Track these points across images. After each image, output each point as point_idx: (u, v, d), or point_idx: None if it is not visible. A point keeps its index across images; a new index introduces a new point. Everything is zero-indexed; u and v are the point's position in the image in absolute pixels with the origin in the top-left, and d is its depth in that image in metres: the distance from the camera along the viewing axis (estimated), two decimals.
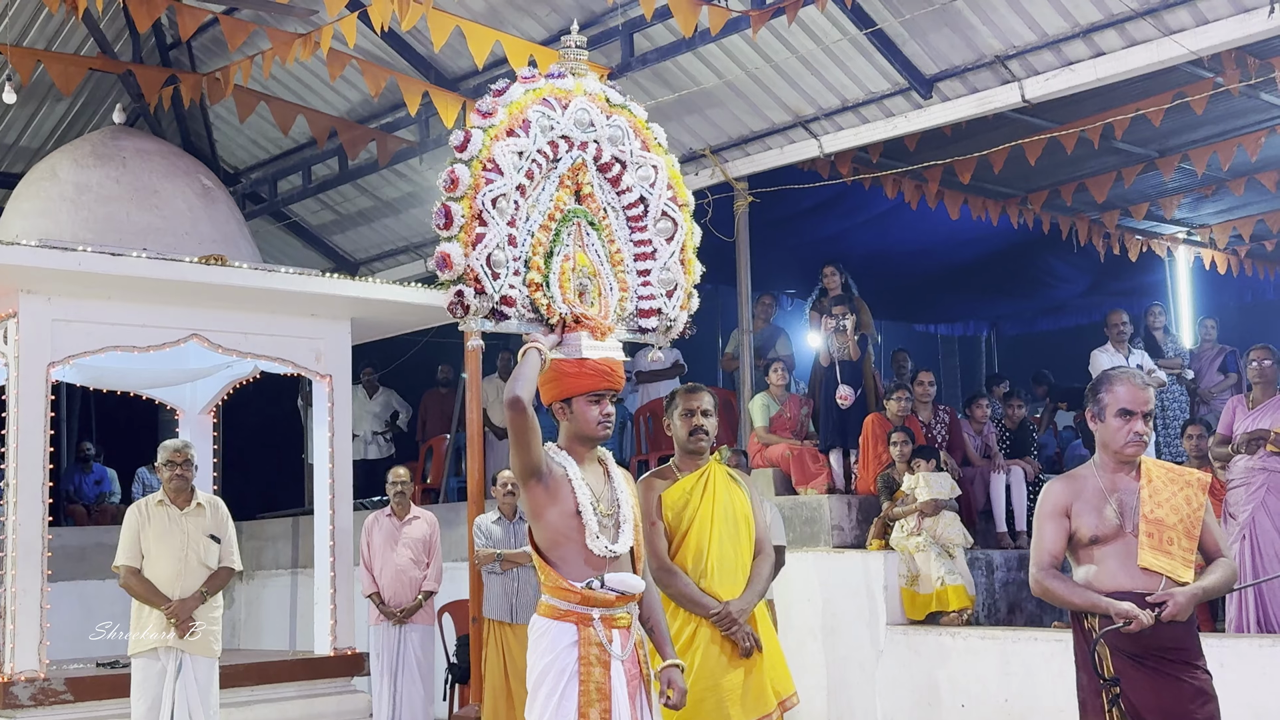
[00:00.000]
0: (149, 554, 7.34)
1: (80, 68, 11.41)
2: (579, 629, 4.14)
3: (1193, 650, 4.08)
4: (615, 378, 4.32)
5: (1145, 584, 4.03)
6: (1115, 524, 4.12)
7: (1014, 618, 9.62)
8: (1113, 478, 4.21)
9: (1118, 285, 15.22)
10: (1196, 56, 8.48)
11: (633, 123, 4.68)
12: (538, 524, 4.23)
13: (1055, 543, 4.23)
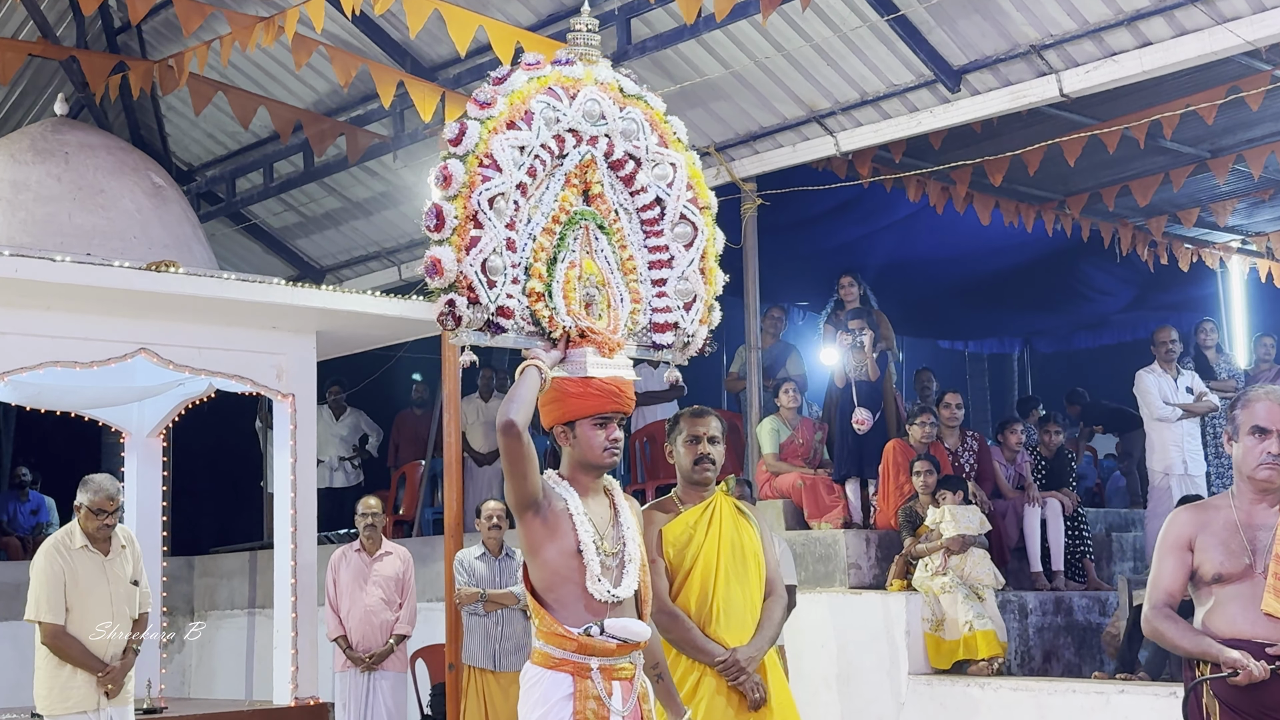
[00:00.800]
0: (74, 608, 7.13)
1: (18, 53, 11.43)
2: (575, 680, 4.10)
3: None
4: (624, 399, 4.25)
5: (1268, 633, 3.97)
6: (1245, 563, 4.05)
7: (1050, 667, 9.63)
8: (1250, 510, 4.13)
9: (1165, 299, 15.24)
10: (1253, 47, 8.51)
11: (649, 115, 4.60)
12: (534, 561, 4.19)
13: (1174, 579, 4.17)
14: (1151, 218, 13.37)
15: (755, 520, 5.40)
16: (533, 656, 4.22)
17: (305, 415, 10.33)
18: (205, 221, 12.61)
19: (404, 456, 14.08)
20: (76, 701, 7.18)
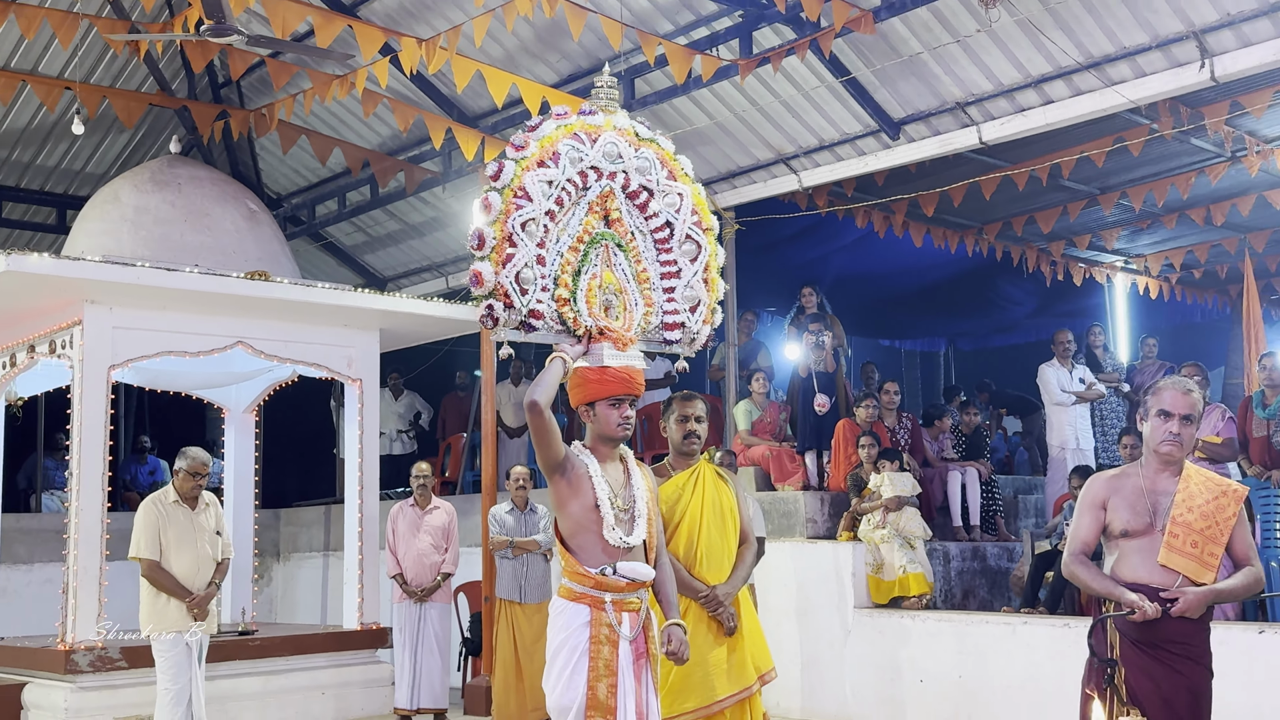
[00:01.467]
0: (168, 549, 7.26)
1: (141, 103, 11.44)
2: (592, 611, 4.13)
3: (1198, 648, 4.01)
4: (635, 384, 4.28)
5: (1163, 580, 3.96)
6: (1147, 521, 4.04)
7: (968, 603, 9.65)
8: (1154, 478, 4.12)
9: (1062, 307, 15.25)
10: (1135, 105, 8.53)
11: (660, 154, 4.64)
12: (561, 514, 4.22)
13: (1089, 532, 4.16)
14: (1052, 242, 13.39)
15: (732, 483, 5.40)
16: (559, 591, 4.24)
17: (370, 396, 10.37)
18: (291, 240, 12.60)
19: (449, 430, 14.09)
20: (170, 623, 7.25)
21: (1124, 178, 11.37)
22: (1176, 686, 3.91)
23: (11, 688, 8.78)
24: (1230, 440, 8.44)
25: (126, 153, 13.20)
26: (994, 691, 8.15)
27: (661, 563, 4.41)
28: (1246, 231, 13.02)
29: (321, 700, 9.55)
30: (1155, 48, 8.07)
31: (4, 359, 9.71)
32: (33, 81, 10.61)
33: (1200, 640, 3.99)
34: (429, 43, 8.84)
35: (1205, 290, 15.57)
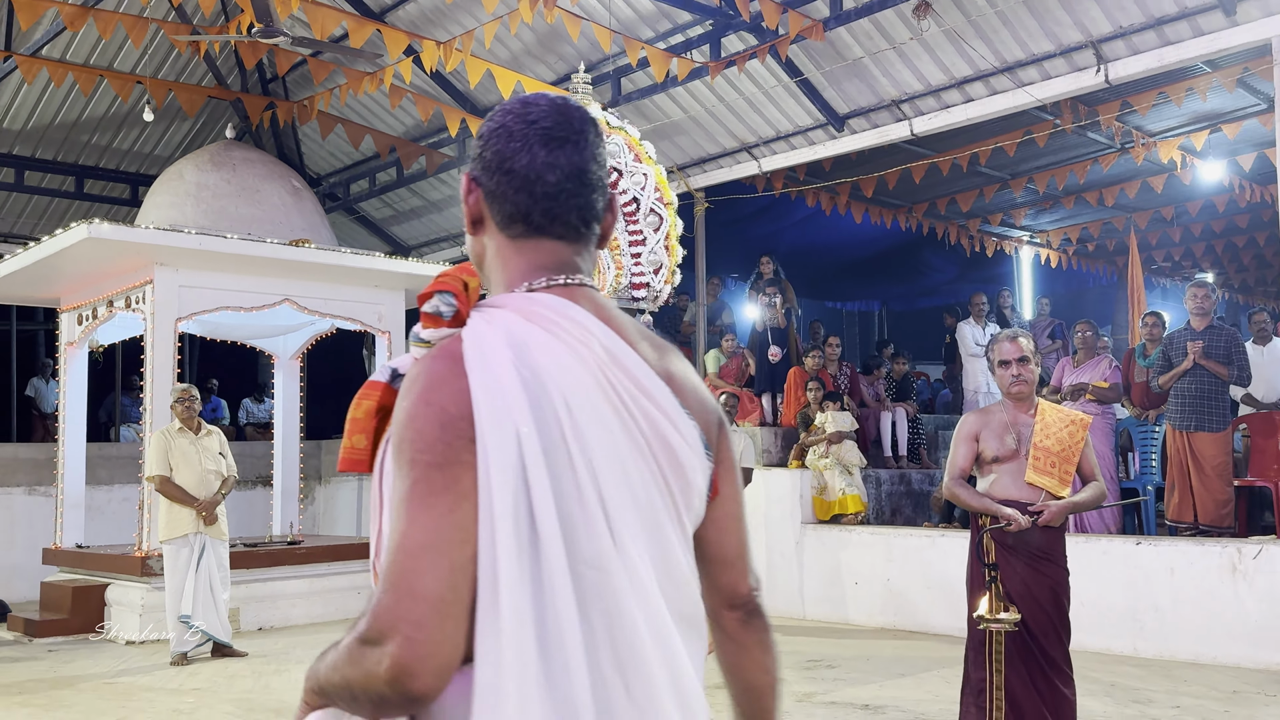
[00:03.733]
0: (176, 467, 7.32)
1: (201, 95, 11.29)
2: None
3: (1057, 552, 4.05)
4: None
5: (1029, 496, 4.00)
6: (1013, 448, 4.06)
7: (895, 519, 9.72)
8: (1014, 413, 4.13)
9: (977, 274, 15.26)
10: (1041, 103, 8.50)
11: (628, 140, 4.62)
12: None
13: (965, 460, 4.16)
14: (970, 219, 13.37)
15: None
16: None
17: (397, 346, 10.32)
18: (328, 213, 12.48)
19: None
20: (180, 527, 7.32)
21: (1031, 165, 11.35)
22: (1041, 585, 3.98)
23: (97, 588, 8.78)
24: (1116, 385, 8.47)
25: (189, 138, 13.04)
26: (916, 591, 8.23)
27: None
28: (1132, 211, 13.02)
29: (357, 598, 9.56)
30: (1059, 54, 8.02)
31: (87, 312, 9.63)
32: (110, 76, 10.45)
33: (1059, 546, 4.08)
34: (446, 45, 8.74)
35: (1096, 260, 15.60)
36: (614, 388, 1.22)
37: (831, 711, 5.53)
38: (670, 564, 1.24)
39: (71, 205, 13.08)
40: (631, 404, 1.23)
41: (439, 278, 1.31)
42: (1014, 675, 3.93)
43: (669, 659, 1.20)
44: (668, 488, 1.25)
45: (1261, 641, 6.49)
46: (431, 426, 1.15)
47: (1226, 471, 7.37)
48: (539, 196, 1.31)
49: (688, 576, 1.28)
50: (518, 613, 1.13)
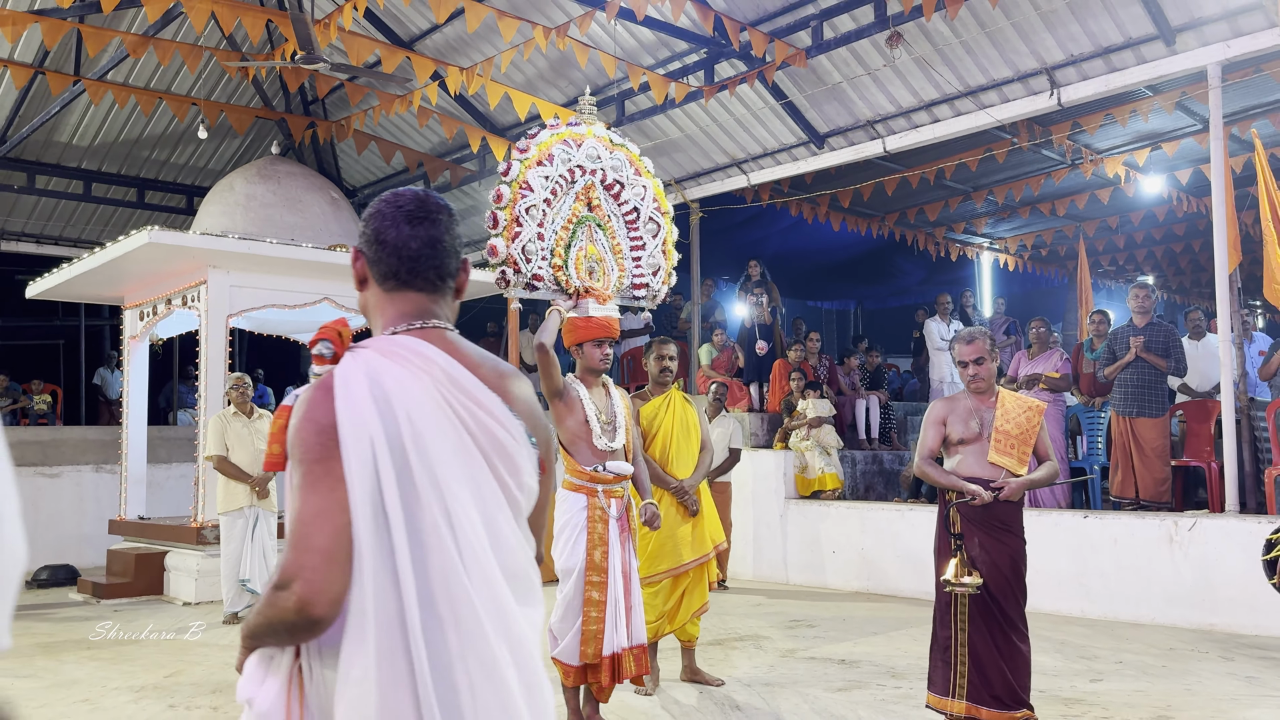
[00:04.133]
0: (232, 448, 7.35)
1: (249, 115, 11.25)
2: (588, 498, 4.13)
3: (1016, 524, 4.05)
4: (613, 329, 4.27)
5: (992, 474, 3.99)
6: (976, 432, 4.05)
7: (868, 495, 9.71)
8: (977, 401, 4.12)
9: (942, 277, 15.24)
10: (1000, 124, 8.46)
11: (629, 156, 4.61)
12: (560, 428, 4.19)
13: (934, 442, 4.15)
14: (936, 227, 13.34)
15: (695, 406, 5.38)
16: (562, 484, 4.24)
17: None
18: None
19: None
20: (236, 501, 7.36)
21: (991, 179, 11.32)
22: (1001, 553, 3.99)
23: (156, 554, 8.78)
24: (1066, 375, 8.46)
25: (238, 154, 13.02)
26: (887, 560, 8.23)
27: (638, 461, 4.40)
28: (1081, 220, 13.01)
29: None
30: (1016, 80, 7.99)
31: (148, 309, 9.62)
32: (168, 98, 10.42)
33: (1017, 519, 4.08)
34: (469, 70, 8.71)
35: (1049, 265, 15.57)
36: (449, 402, 1.51)
37: (811, 665, 5.54)
38: (497, 530, 1.51)
39: (133, 214, 13.06)
40: (464, 412, 1.51)
41: (321, 329, 1.61)
42: (976, 633, 3.94)
43: (495, 600, 1.47)
44: (495, 471, 1.53)
45: (1195, 604, 6.49)
46: (310, 435, 1.46)
47: (1165, 453, 7.36)
48: (404, 259, 1.62)
49: (513, 541, 1.53)
50: (375, 567, 1.42)
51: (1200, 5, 6.95)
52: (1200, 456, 7.75)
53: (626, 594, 4.13)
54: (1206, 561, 6.46)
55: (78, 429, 11.71)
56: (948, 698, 3.99)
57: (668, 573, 5.03)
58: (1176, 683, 5.01)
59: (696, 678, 5.15)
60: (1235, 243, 6.91)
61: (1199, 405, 8.01)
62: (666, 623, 5.07)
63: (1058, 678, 5.12)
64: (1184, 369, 7.57)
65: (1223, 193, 6.90)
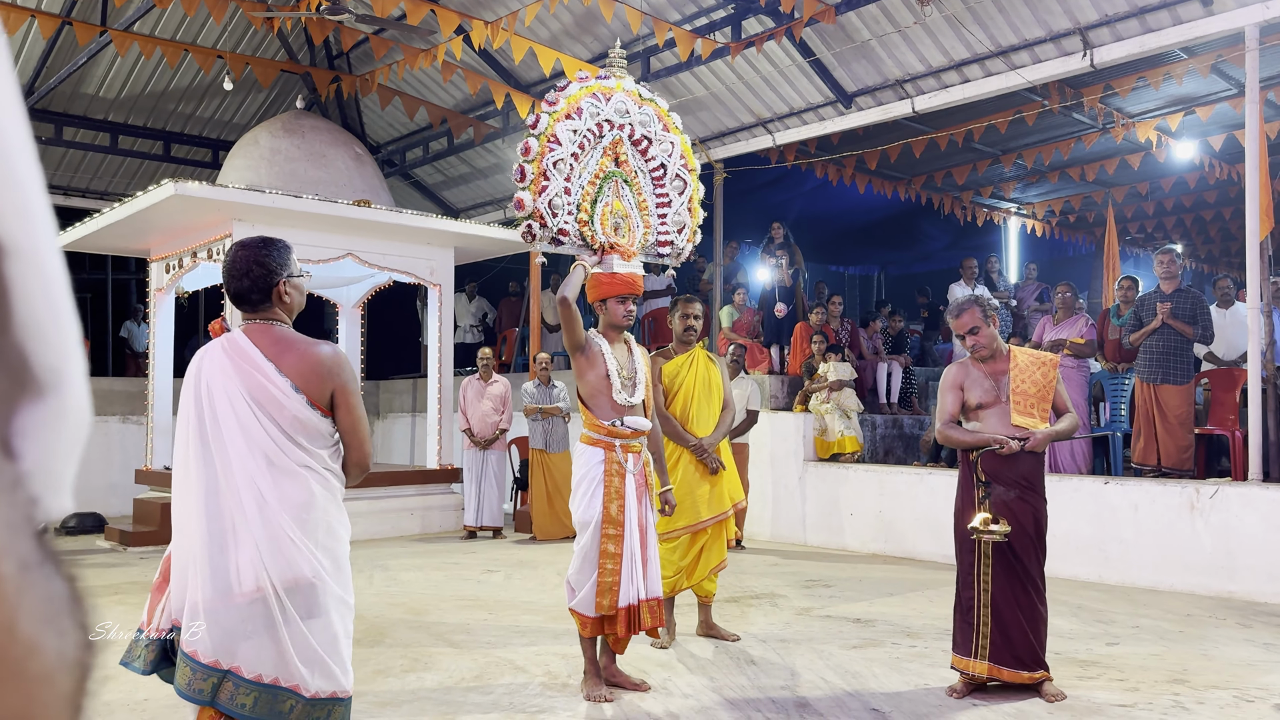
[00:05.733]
0: None
1: (274, 69, 11.24)
2: (606, 452, 4.13)
3: (1039, 482, 4.06)
4: (637, 286, 4.23)
5: (1016, 435, 4.01)
6: (994, 395, 4.06)
7: (887, 459, 9.71)
8: (991, 364, 4.13)
9: (968, 242, 15.12)
10: (1031, 85, 8.33)
11: (657, 111, 4.54)
12: (581, 382, 4.18)
13: (953, 405, 4.15)
14: (963, 191, 13.20)
15: (719, 364, 5.37)
16: (581, 438, 4.24)
17: (447, 297, 10.34)
18: (387, 178, 12.47)
19: (505, 325, 14.05)
20: None
21: (1020, 142, 11.17)
22: (1025, 511, 3.99)
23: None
24: (1091, 341, 8.39)
25: (263, 107, 13.02)
26: (905, 523, 8.24)
27: (654, 428, 4.40)
28: (1110, 186, 12.83)
29: (410, 518, 9.69)
30: (1049, 40, 7.84)
31: (174, 262, 9.69)
32: (193, 51, 10.41)
33: (1039, 476, 4.08)
34: (493, 24, 8.64)
35: (1077, 231, 15.40)
36: (235, 367, 2.62)
37: (827, 624, 5.57)
38: (249, 432, 2.58)
39: (159, 167, 13.12)
40: (243, 374, 2.61)
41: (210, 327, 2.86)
42: (999, 592, 3.96)
43: (255, 479, 2.57)
44: (260, 409, 2.59)
45: (1214, 571, 6.47)
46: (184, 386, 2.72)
47: (1188, 420, 7.30)
48: (231, 295, 2.70)
49: (261, 436, 2.59)
50: (191, 459, 2.63)
51: None
52: (1224, 425, 7.68)
53: (643, 547, 4.16)
54: (1227, 529, 6.43)
55: (104, 380, 11.86)
56: (970, 658, 4.01)
57: (686, 529, 5.06)
58: (1193, 648, 5.01)
59: (712, 633, 5.20)
60: (1268, 209, 6.79)
61: (1224, 373, 7.93)
62: (684, 578, 5.11)
63: (1074, 640, 5.13)
64: (1210, 336, 7.49)
65: (1256, 158, 6.77)
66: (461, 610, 5.95)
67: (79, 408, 0.48)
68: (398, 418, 13.54)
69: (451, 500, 9.99)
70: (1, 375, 0.44)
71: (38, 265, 0.46)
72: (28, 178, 0.46)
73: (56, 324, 0.47)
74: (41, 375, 0.46)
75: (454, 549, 8.61)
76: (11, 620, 0.39)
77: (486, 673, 4.52)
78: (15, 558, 0.40)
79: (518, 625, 5.53)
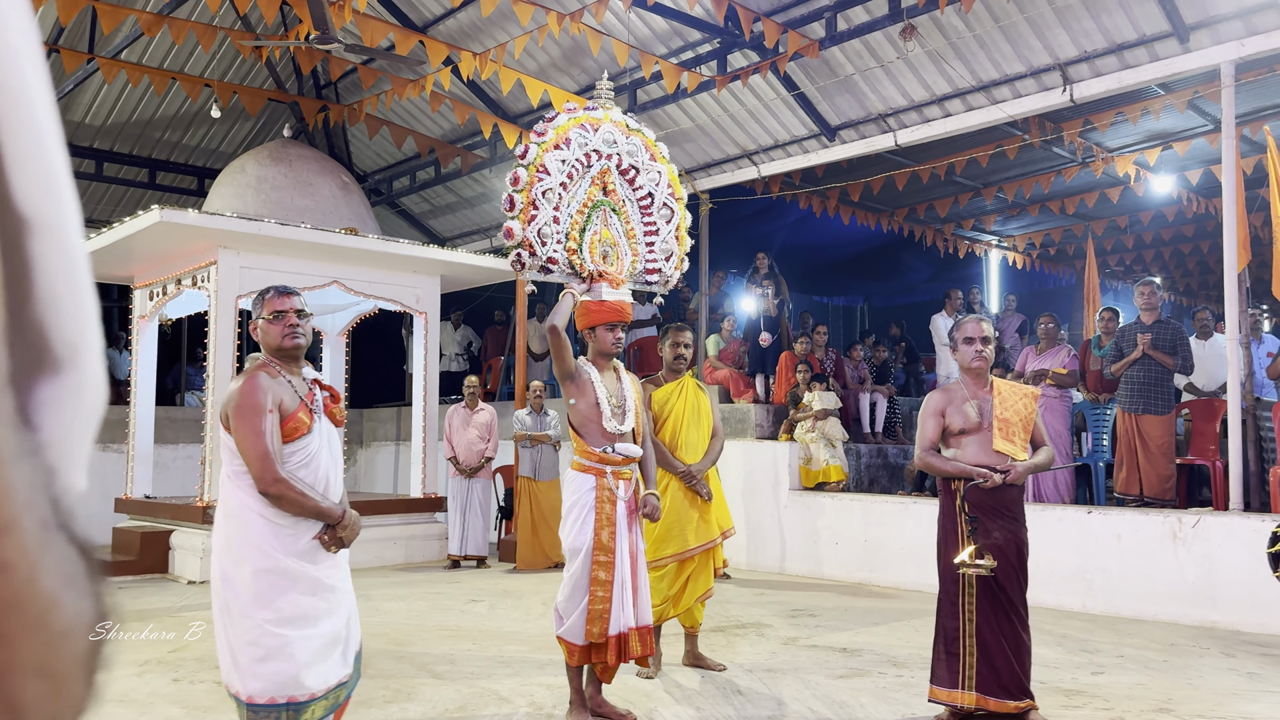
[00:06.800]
0: None
1: (262, 97, 11.27)
2: (597, 479, 4.13)
3: (1019, 511, 4.07)
4: (625, 313, 4.23)
5: (996, 461, 4.01)
6: (976, 422, 4.06)
7: (873, 488, 9.72)
8: (974, 390, 4.13)
9: (950, 274, 15.25)
10: (1012, 119, 8.45)
11: (645, 141, 4.58)
12: (571, 410, 4.18)
13: (934, 432, 4.15)
14: (945, 223, 13.33)
15: (708, 393, 5.40)
16: (572, 465, 4.23)
17: (433, 325, 10.32)
18: (374, 206, 12.49)
19: (491, 353, 14.04)
20: None
21: (1001, 175, 11.31)
22: (1008, 540, 4.00)
23: (163, 533, 8.83)
24: (1073, 372, 8.45)
25: (250, 136, 13.04)
26: (889, 552, 8.24)
27: (645, 445, 4.40)
28: (1090, 220, 12.99)
29: (394, 548, 9.61)
30: (1029, 75, 7.97)
31: (158, 289, 9.65)
32: (181, 79, 10.43)
33: (1020, 505, 4.10)
34: (481, 56, 8.71)
35: (1057, 264, 15.56)
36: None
37: (813, 654, 5.56)
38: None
39: (144, 195, 13.10)
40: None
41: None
42: (984, 622, 3.96)
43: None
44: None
45: (1196, 601, 6.50)
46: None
47: (1170, 450, 7.36)
48: None
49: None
50: None
51: (1215, 3, 6.93)
52: (1205, 455, 7.75)
53: (633, 575, 4.14)
54: (1210, 559, 6.46)
55: None
56: (956, 689, 4.00)
57: (673, 557, 5.05)
58: (1178, 677, 5.02)
59: (699, 663, 5.17)
60: (1245, 242, 6.90)
61: (1205, 404, 8.01)
62: (671, 606, 5.09)
63: (1059, 670, 5.13)
64: (1190, 367, 7.57)
65: (1233, 192, 6.89)
66: (445, 640, 5.89)
67: (96, 384, 0.49)
68: (381, 446, 13.46)
69: (435, 529, 9.92)
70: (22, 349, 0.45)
71: (62, 243, 0.47)
72: (56, 157, 0.46)
73: (76, 301, 0.47)
74: (60, 350, 0.47)
75: (438, 578, 8.54)
76: (34, 573, 0.39)
77: (470, 704, 4.47)
78: (37, 516, 0.40)
79: (502, 655, 5.48)
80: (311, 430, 3.10)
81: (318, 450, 3.11)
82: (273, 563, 2.98)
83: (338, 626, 3.08)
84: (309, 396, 3.16)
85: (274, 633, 2.94)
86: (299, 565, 3.00)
